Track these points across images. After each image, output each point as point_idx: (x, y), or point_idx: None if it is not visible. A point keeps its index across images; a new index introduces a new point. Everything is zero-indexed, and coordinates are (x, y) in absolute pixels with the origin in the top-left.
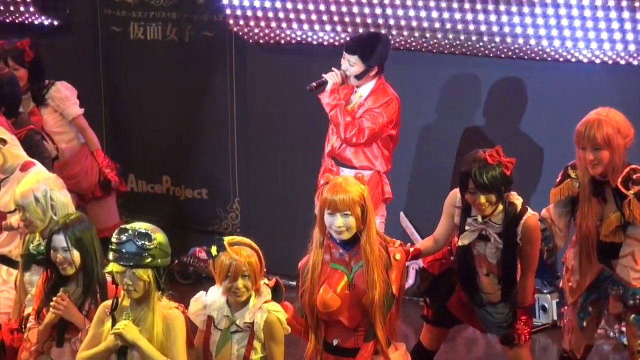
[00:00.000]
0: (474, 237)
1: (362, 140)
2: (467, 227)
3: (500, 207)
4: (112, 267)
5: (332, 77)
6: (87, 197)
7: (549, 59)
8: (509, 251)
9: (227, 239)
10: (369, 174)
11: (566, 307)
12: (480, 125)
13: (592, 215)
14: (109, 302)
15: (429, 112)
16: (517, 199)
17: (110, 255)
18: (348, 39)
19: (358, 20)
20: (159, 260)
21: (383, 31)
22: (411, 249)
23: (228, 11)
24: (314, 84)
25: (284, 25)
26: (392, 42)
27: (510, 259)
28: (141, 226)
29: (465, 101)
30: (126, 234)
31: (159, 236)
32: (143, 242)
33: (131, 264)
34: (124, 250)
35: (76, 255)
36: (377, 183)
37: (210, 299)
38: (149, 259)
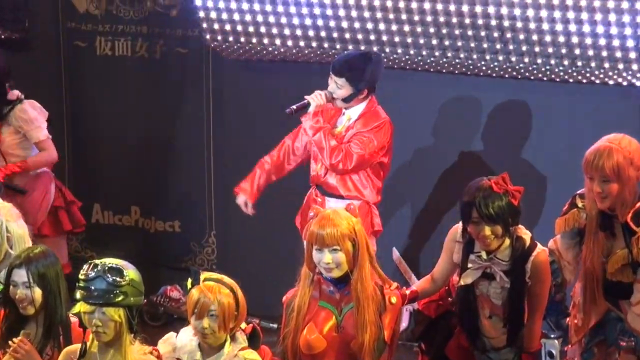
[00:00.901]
0: (478, 275)
1: (350, 166)
2: (470, 265)
3: (507, 241)
4: (80, 307)
5: (315, 99)
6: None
7: (557, 79)
8: (516, 291)
9: (206, 274)
10: (356, 205)
11: (570, 346)
12: (480, 151)
13: (597, 251)
14: (72, 347)
15: (425, 137)
16: (525, 233)
17: (78, 294)
18: (336, 57)
19: (347, 36)
20: (132, 299)
21: (375, 48)
22: (407, 292)
23: (204, 25)
24: (294, 106)
25: (265, 41)
26: (384, 59)
27: (517, 299)
28: (112, 261)
29: (465, 125)
30: (95, 270)
31: (132, 272)
32: (114, 278)
33: (101, 302)
34: (93, 288)
35: (38, 292)
36: (366, 214)
37: (181, 342)
38: (121, 297)
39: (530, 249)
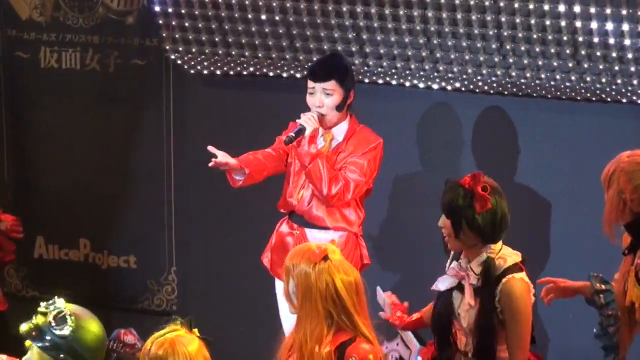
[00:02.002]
0: (453, 283)
1: (348, 197)
2: (447, 271)
3: (484, 255)
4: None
5: (309, 122)
6: None
7: (564, 97)
8: (482, 314)
9: (177, 329)
10: (343, 236)
11: None
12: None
13: (621, 276)
14: None
15: (411, 159)
16: (510, 255)
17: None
18: (310, 69)
19: (326, 47)
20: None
21: (357, 61)
22: (413, 316)
23: (164, 34)
24: (292, 134)
25: (234, 52)
26: (368, 74)
27: (485, 324)
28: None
29: (458, 146)
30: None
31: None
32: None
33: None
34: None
35: None
36: (355, 247)
37: None
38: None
39: (506, 271)
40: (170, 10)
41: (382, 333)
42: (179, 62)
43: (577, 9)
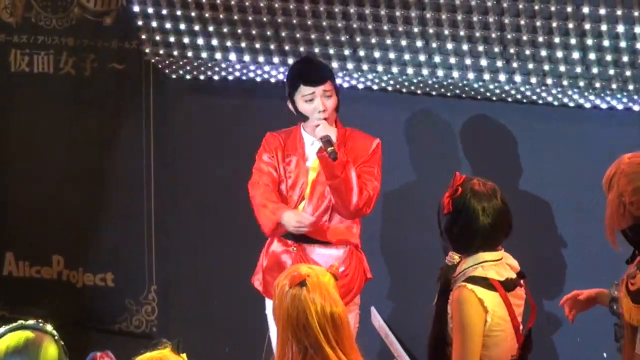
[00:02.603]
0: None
1: (369, 210)
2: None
3: (456, 257)
4: None
5: (329, 129)
6: None
7: (571, 104)
8: (434, 323)
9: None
10: (346, 251)
11: None
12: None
13: (623, 285)
14: None
15: (407, 170)
16: (489, 269)
17: None
18: (304, 75)
19: (317, 49)
20: None
21: (350, 65)
22: None
23: (144, 36)
24: (331, 147)
25: (218, 55)
26: (361, 79)
27: (437, 330)
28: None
29: (457, 156)
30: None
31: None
32: None
33: None
34: None
35: None
36: (359, 261)
37: None
38: None
39: (458, 280)
40: (150, 10)
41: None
42: (159, 66)
43: (586, 10)
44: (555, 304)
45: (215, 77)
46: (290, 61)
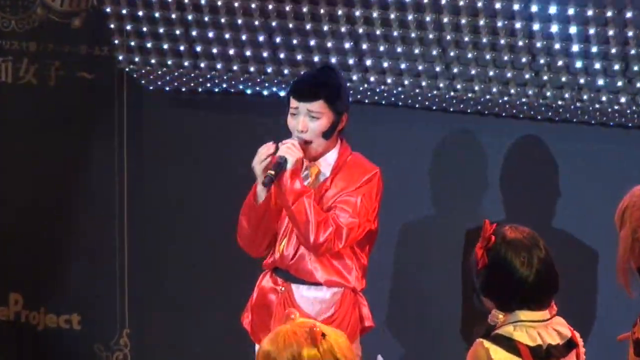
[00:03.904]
0: None
1: (340, 246)
2: None
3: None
4: None
5: (291, 152)
6: None
7: (611, 123)
8: None
9: None
10: (338, 294)
11: None
12: (496, 211)
13: None
14: None
15: (421, 199)
16: (504, 325)
17: None
18: (293, 84)
19: (316, 59)
20: None
21: (355, 77)
22: None
23: (117, 41)
24: (272, 172)
25: (202, 64)
26: (368, 92)
27: None
28: None
29: (478, 183)
30: None
31: None
32: None
33: None
34: None
35: None
36: (353, 306)
37: None
38: None
39: (487, 335)
40: (124, 11)
41: None
42: (134, 75)
43: (629, 14)
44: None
45: (199, 89)
46: (286, 71)
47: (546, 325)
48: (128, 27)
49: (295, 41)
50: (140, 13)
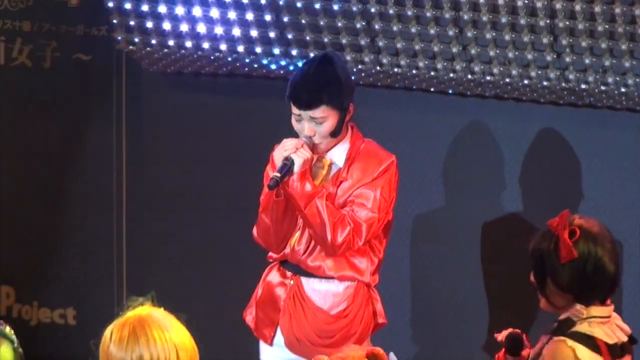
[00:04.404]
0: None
1: (360, 243)
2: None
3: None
4: None
5: (299, 155)
6: None
7: (618, 106)
8: None
9: None
10: (351, 287)
11: None
12: (515, 201)
13: None
14: None
15: (436, 187)
16: (597, 325)
17: None
18: (291, 89)
19: (326, 39)
20: None
21: (367, 58)
22: None
23: (115, 20)
24: (278, 174)
25: (205, 45)
26: (381, 75)
27: None
28: None
29: (497, 172)
30: None
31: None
32: None
33: None
34: None
35: None
36: (366, 302)
37: None
38: None
39: (567, 333)
40: None
41: None
42: (134, 57)
43: None
44: None
45: (202, 71)
46: (295, 52)
47: (611, 322)
48: (127, 6)
49: (303, 21)
50: None
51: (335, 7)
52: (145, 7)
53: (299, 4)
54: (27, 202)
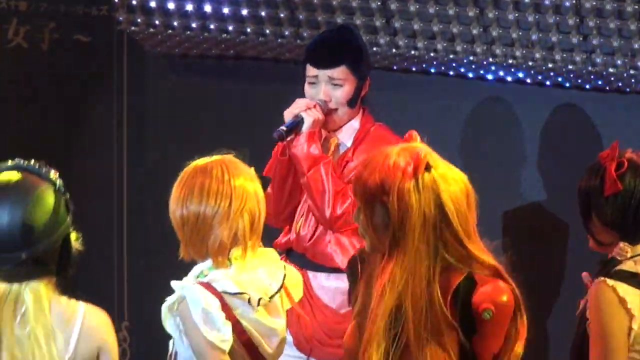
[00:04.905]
0: None
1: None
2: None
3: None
4: None
5: (309, 113)
6: None
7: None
8: (579, 330)
9: None
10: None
11: None
12: (535, 190)
13: None
14: None
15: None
16: (626, 252)
17: None
18: (309, 49)
19: (339, 20)
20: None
21: (382, 40)
22: None
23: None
24: (284, 127)
25: (212, 25)
26: (397, 58)
27: (578, 340)
28: None
29: (519, 157)
30: None
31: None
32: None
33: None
34: None
35: None
36: None
37: None
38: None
39: (608, 273)
40: None
41: None
42: (137, 38)
43: None
44: None
45: (209, 54)
46: (306, 34)
47: None
48: None
49: (316, 0)
50: None
51: None
52: None
53: None
54: None
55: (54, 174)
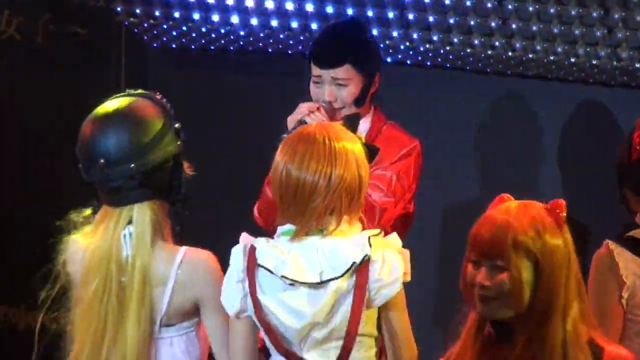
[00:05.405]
0: None
1: (372, 226)
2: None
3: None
4: None
5: (312, 117)
6: None
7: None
8: None
9: None
10: None
11: None
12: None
13: None
14: None
15: (467, 169)
16: None
17: None
18: (312, 47)
19: (349, 11)
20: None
21: (395, 33)
22: None
23: None
24: (286, 135)
25: (215, 18)
26: (411, 52)
27: None
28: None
29: (539, 153)
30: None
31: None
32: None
33: None
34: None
35: None
36: None
37: None
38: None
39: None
40: None
41: None
42: (136, 30)
43: None
44: None
45: (211, 47)
46: (315, 27)
47: None
48: None
49: None
50: None
51: None
52: None
53: None
54: (17, 193)
55: (165, 104)
